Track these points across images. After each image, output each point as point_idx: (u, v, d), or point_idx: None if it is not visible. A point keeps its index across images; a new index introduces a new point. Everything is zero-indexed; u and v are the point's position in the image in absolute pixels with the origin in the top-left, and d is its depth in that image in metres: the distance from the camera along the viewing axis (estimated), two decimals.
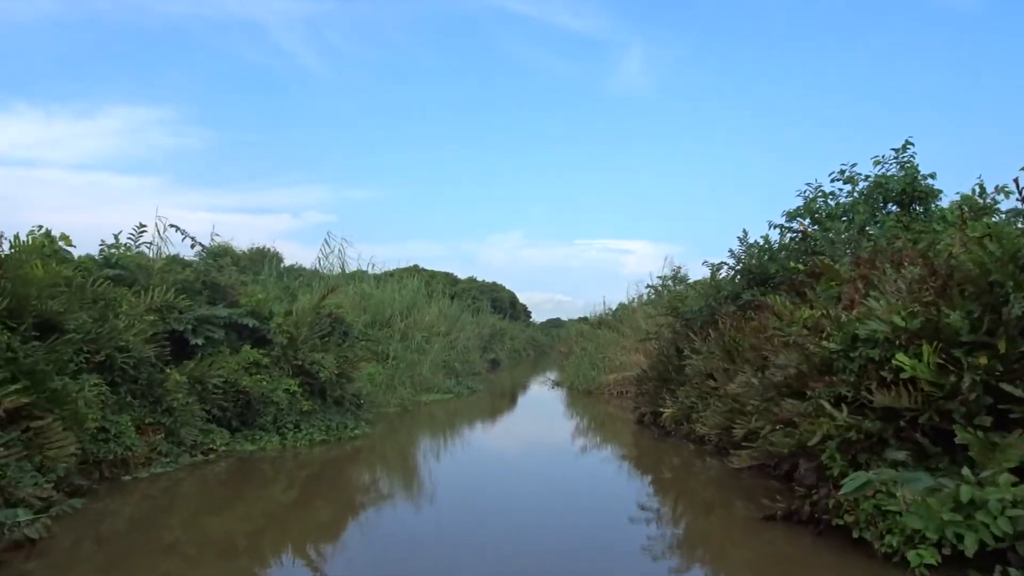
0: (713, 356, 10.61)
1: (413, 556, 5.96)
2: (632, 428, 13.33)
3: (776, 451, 6.03)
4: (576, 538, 6.49)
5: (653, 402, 12.80)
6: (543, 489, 8.79)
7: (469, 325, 34.10)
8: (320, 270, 19.16)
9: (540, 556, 5.77)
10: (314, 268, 19.27)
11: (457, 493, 8.72)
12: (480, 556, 5.91)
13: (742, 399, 8.51)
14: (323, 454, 10.35)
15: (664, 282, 22.27)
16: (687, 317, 12.59)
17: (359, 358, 12.75)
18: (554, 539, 6.34)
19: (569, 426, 14.62)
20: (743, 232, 12.52)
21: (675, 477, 9.78)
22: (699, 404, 10.75)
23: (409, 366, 18.65)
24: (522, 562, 5.66)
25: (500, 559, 5.79)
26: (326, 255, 19.20)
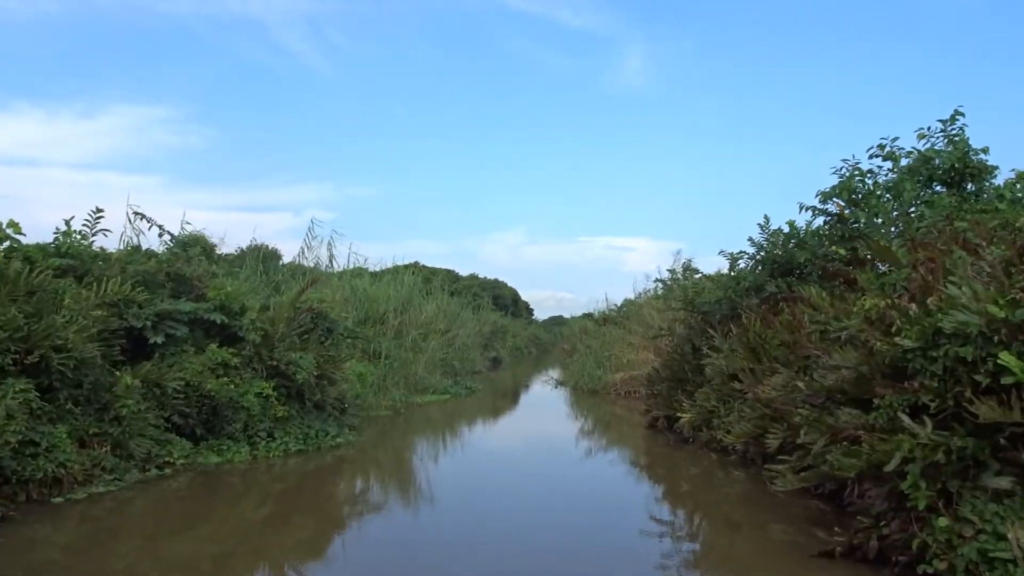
0: (736, 355, 9.45)
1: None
2: (643, 433, 12.17)
3: (840, 475, 4.86)
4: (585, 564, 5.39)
5: (667, 404, 11.64)
6: (545, 504, 7.66)
7: (469, 322, 32.99)
8: (305, 262, 17.95)
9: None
10: (298, 261, 18.05)
11: (448, 510, 7.58)
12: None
13: (777, 404, 7.36)
14: (299, 466, 9.21)
15: (674, 276, 21.10)
16: (704, 311, 11.42)
17: (343, 357, 11.60)
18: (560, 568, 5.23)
19: (574, 431, 13.47)
20: (764, 218, 11.34)
21: (699, 494, 8.62)
22: (721, 408, 9.60)
23: (403, 365, 17.52)
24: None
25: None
26: (310, 245, 17.99)
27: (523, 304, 66.14)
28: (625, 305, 28.02)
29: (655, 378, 12.47)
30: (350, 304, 18.22)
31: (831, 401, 5.69)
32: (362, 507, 7.96)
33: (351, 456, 9.94)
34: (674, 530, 7.23)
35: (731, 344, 9.94)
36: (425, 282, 31.43)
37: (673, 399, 11.56)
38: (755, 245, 11.39)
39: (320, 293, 12.82)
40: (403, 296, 20.25)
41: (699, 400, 10.25)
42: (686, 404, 10.62)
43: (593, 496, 8.33)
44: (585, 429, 13.81)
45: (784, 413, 7.48)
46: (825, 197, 9.04)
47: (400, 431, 12.75)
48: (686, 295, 11.83)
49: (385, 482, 9.02)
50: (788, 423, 7.23)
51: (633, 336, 20.39)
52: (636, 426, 13.10)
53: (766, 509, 7.33)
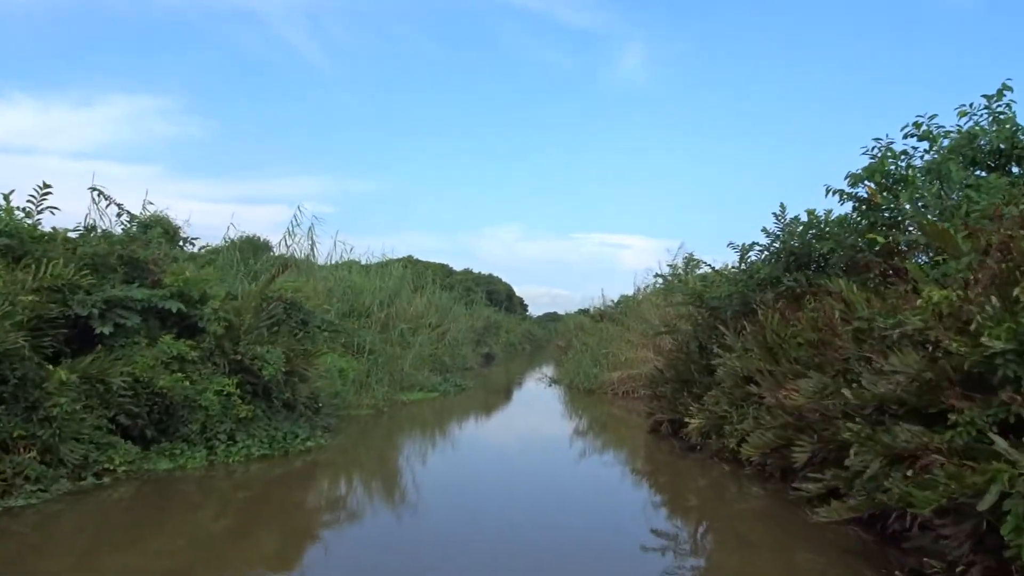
0: (751, 355, 8.50)
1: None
2: (645, 439, 11.21)
3: (910, 509, 3.89)
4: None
5: (671, 408, 10.68)
6: (538, 517, 6.69)
7: (462, 317, 32.05)
8: (291, 252, 16.91)
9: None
10: (277, 252, 17.01)
11: (427, 527, 6.60)
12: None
13: (805, 413, 6.40)
14: (263, 472, 8.22)
15: (675, 271, 20.13)
16: (713, 306, 10.46)
17: (318, 352, 10.60)
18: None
19: (570, 435, 12.49)
20: (780, 207, 10.41)
21: (710, 509, 7.66)
22: (733, 414, 8.65)
23: (389, 361, 16.52)
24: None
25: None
26: (293, 234, 16.95)
27: (517, 300, 65.64)
28: (622, 301, 27.13)
29: (658, 379, 11.51)
30: (334, 296, 17.22)
31: (882, 413, 4.73)
32: (331, 519, 6.98)
33: (322, 462, 8.94)
34: (678, 544, 6.36)
35: (745, 343, 8.99)
36: (418, 276, 30.52)
37: (678, 402, 10.60)
38: (769, 235, 10.45)
39: (296, 281, 11.81)
40: (390, 288, 19.21)
41: (708, 404, 9.29)
42: (693, 408, 9.66)
43: (592, 511, 7.37)
44: (582, 433, 12.85)
45: (813, 423, 6.54)
46: (855, 180, 8.08)
47: (380, 433, 11.75)
48: (693, 289, 10.86)
49: (357, 493, 8.04)
50: (819, 435, 6.28)
51: (631, 333, 19.44)
52: (637, 430, 12.14)
53: (790, 531, 6.40)
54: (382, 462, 9.46)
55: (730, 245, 11.09)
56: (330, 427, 10.72)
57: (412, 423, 13.11)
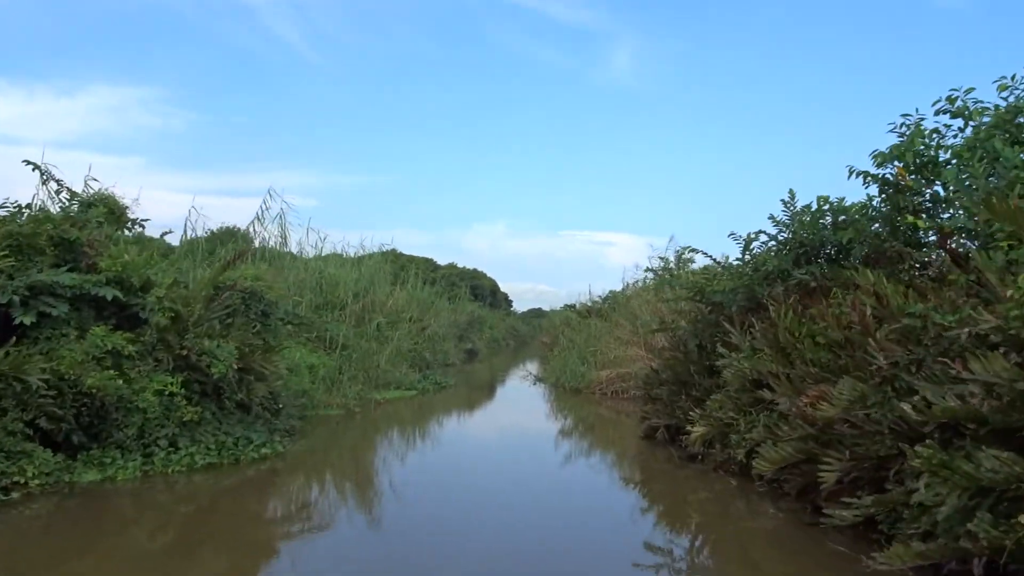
0: (762, 356, 7.59)
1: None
2: (639, 446, 10.28)
3: (1014, 563, 2.97)
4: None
5: (668, 412, 9.76)
6: (521, 537, 5.73)
7: (444, 312, 31.09)
8: (254, 238, 15.81)
9: None
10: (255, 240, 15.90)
11: (394, 549, 5.62)
12: None
13: (835, 425, 5.49)
14: (207, 484, 7.20)
15: (666, 265, 19.24)
16: (715, 301, 9.55)
17: (278, 347, 9.56)
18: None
19: (556, 440, 11.55)
20: (789, 193, 9.53)
21: (715, 527, 6.73)
22: (740, 421, 7.74)
23: (364, 356, 15.49)
24: None
25: None
26: (263, 219, 15.85)
27: (502, 295, 65.02)
28: (610, 297, 26.27)
29: (652, 380, 10.58)
30: (306, 287, 16.15)
31: (950, 432, 3.82)
32: (282, 539, 5.98)
33: (278, 471, 7.92)
34: (674, 562, 5.48)
35: (753, 342, 8.08)
36: (402, 269, 29.48)
37: (676, 405, 9.69)
38: (777, 224, 9.56)
39: (257, 269, 10.75)
40: (365, 279, 18.15)
41: (711, 409, 8.38)
42: (694, 414, 8.74)
43: (583, 528, 6.41)
44: (570, 437, 11.91)
45: (842, 436, 5.63)
46: (883, 159, 7.17)
47: (348, 437, 10.73)
48: (693, 283, 9.94)
49: (314, 509, 7.03)
50: (851, 451, 5.37)
51: (621, 330, 18.53)
52: (630, 435, 11.21)
53: (809, 560, 5.49)
54: (346, 472, 8.45)
55: (731, 235, 10.21)
56: (293, 430, 9.71)
57: (385, 425, 12.10)
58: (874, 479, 5.25)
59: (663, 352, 11.88)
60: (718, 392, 8.96)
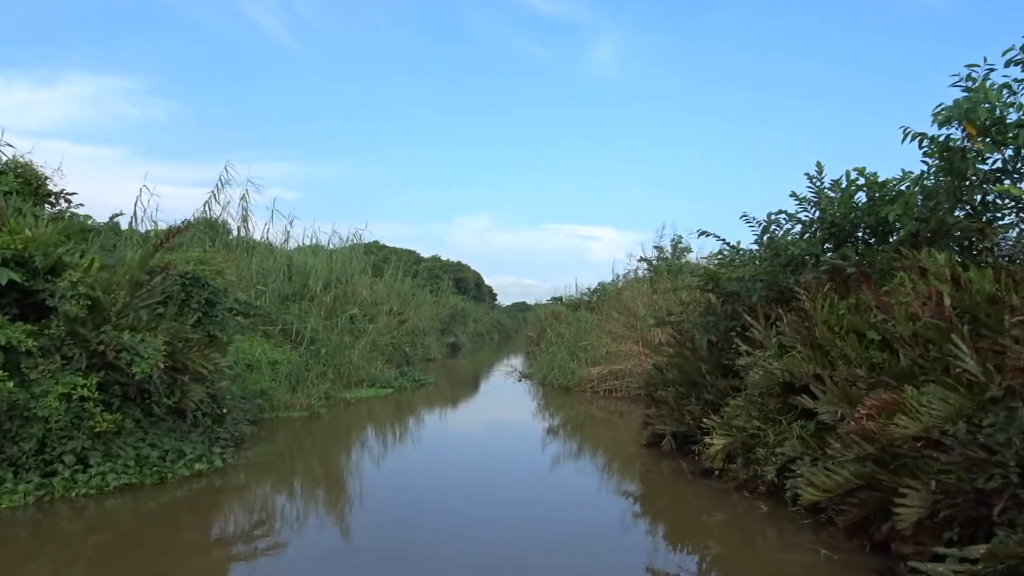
0: (797, 355, 6.35)
1: None
2: (641, 455, 9.02)
3: None
4: None
5: (676, 418, 8.53)
6: None
7: (426, 304, 29.78)
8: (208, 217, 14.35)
9: None
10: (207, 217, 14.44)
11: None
12: None
13: (910, 440, 4.26)
14: (119, 511, 5.83)
15: (661, 254, 18.05)
16: (731, 291, 8.31)
17: (222, 341, 8.19)
18: None
19: (547, 450, 10.28)
20: (817, 166, 8.35)
21: (744, 562, 5.47)
22: (769, 432, 6.50)
23: (334, 351, 14.14)
24: None
25: None
26: (218, 200, 14.40)
27: (486, 289, 64.01)
28: (599, 289, 25.08)
29: (656, 380, 9.33)
30: (271, 275, 14.76)
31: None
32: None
33: (213, 490, 6.57)
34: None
35: (781, 338, 6.85)
36: (384, 261, 28.14)
37: (684, 410, 8.46)
38: (801, 202, 8.36)
39: (201, 253, 9.37)
40: (338, 268, 16.75)
41: (730, 416, 7.14)
42: (710, 421, 7.50)
43: (582, 554, 5.15)
44: (562, 445, 10.64)
45: (921, 460, 4.39)
46: (946, 118, 5.92)
47: (307, 445, 9.36)
48: (705, 271, 8.68)
49: (251, 537, 5.69)
50: (940, 482, 4.13)
51: (613, 323, 17.31)
52: (629, 441, 9.95)
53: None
54: (298, 491, 7.09)
55: (744, 217, 8.98)
56: (242, 438, 8.36)
57: (353, 430, 10.75)
58: (968, 519, 4.03)
59: (663, 349, 10.65)
60: (735, 395, 7.75)
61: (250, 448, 8.19)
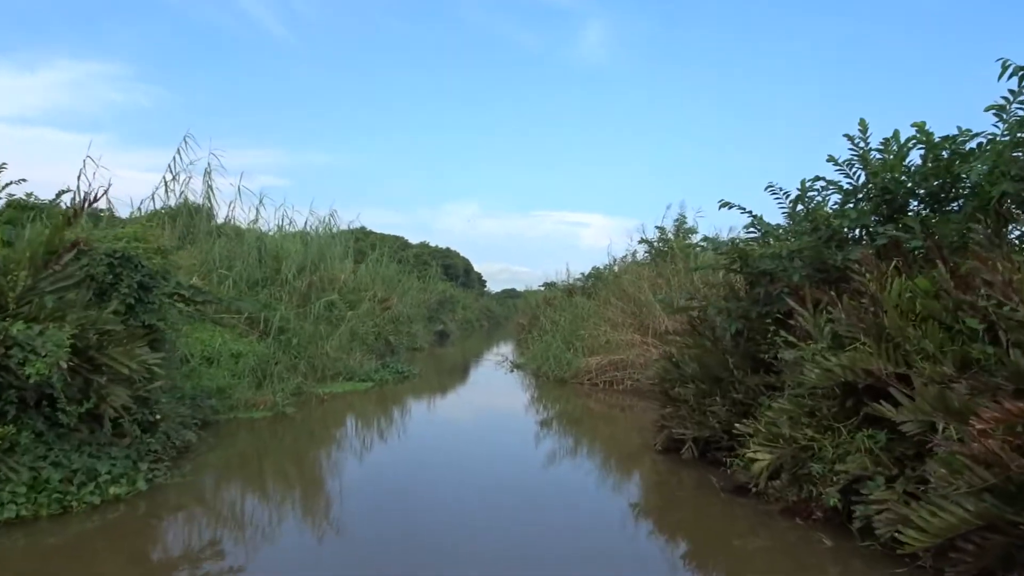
0: (863, 349, 5.09)
1: None
2: (655, 463, 7.76)
3: None
4: None
5: (698, 420, 7.26)
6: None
7: (413, 291, 28.48)
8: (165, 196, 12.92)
9: None
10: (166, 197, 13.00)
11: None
12: None
13: None
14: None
15: (664, 235, 16.77)
16: (765, 270, 7.03)
17: (160, 332, 6.84)
18: None
19: (545, 455, 9.02)
20: (860, 124, 7.10)
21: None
22: (826, 445, 5.23)
23: (308, 342, 12.80)
24: None
25: None
26: (176, 176, 12.96)
27: (475, 275, 62.97)
28: (594, 274, 23.83)
29: (671, 375, 8.05)
30: (237, 259, 13.37)
31: None
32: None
33: (131, 520, 5.23)
34: None
35: (837, 327, 5.58)
36: (372, 248, 26.79)
37: (708, 411, 7.20)
38: (841, 167, 7.10)
39: (137, 228, 7.98)
40: (314, 252, 15.35)
41: (766, 423, 5.87)
42: (744, 427, 6.22)
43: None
44: (563, 448, 9.38)
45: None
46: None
47: (264, 455, 8.01)
48: (733, 247, 7.37)
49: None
50: None
51: (611, 310, 16.04)
52: (638, 443, 8.68)
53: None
54: (240, 521, 5.74)
55: (769, 188, 7.70)
56: (187, 447, 7.03)
57: (322, 434, 9.41)
58: None
59: (671, 338, 9.37)
60: (769, 395, 6.49)
61: (194, 460, 6.86)
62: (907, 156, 6.77)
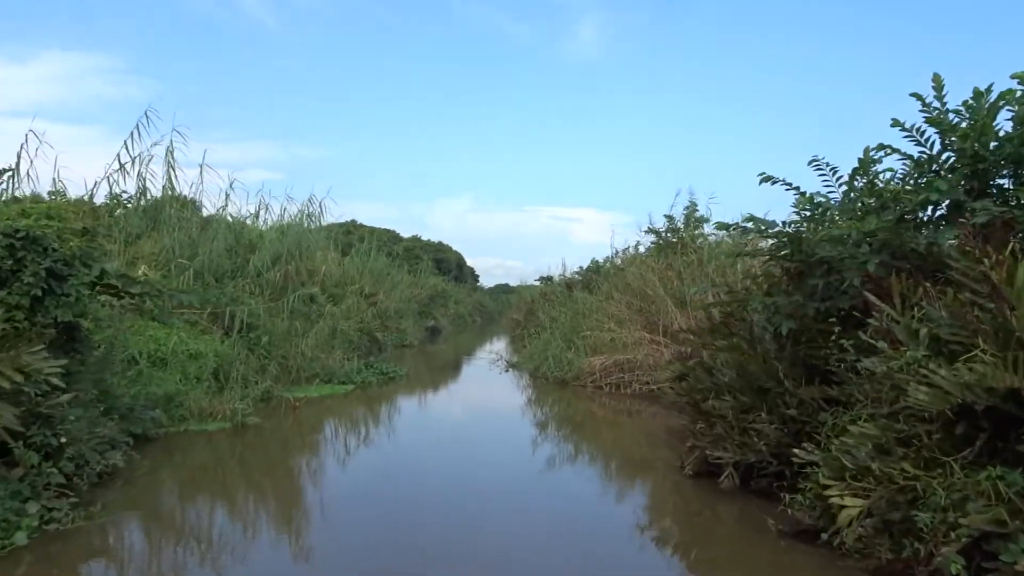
0: (994, 360, 3.78)
1: None
2: (686, 489, 6.46)
3: None
4: None
5: (739, 442, 5.94)
6: None
7: (403, 284, 27.15)
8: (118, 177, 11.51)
9: None
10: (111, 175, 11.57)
11: None
12: None
13: None
14: None
15: (673, 224, 15.43)
16: (819, 259, 5.72)
17: (62, 333, 5.48)
18: None
19: (550, 477, 7.71)
20: (935, 81, 5.81)
21: None
22: (936, 488, 3.92)
23: (281, 340, 11.45)
24: None
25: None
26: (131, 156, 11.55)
27: (468, 270, 61.87)
28: (593, 267, 22.53)
29: (703, 383, 6.72)
30: (202, 247, 11.98)
31: None
32: None
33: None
34: None
35: (938, 329, 4.28)
36: (360, 241, 25.49)
37: (750, 429, 5.88)
38: (910, 134, 5.81)
39: (46, 204, 6.60)
40: (290, 241, 13.95)
41: (839, 450, 4.56)
42: (807, 454, 4.92)
43: None
44: (571, 468, 8.06)
45: None
46: None
47: (209, 483, 6.63)
48: (781, 238, 6.04)
49: None
50: None
51: (615, 305, 14.72)
52: (659, 461, 7.36)
53: None
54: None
55: (813, 163, 6.39)
56: (109, 474, 5.68)
57: (284, 452, 8.01)
58: None
59: (685, 336, 8.08)
60: (832, 410, 5.18)
61: (118, 491, 5.51)
62: (996, 118, 5.52)
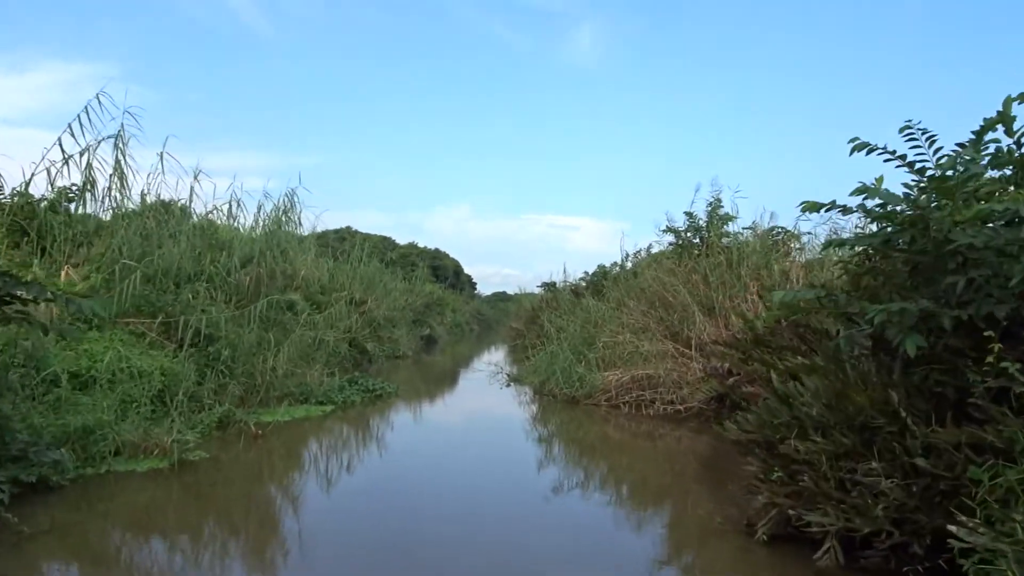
0: None
1: None
2: (755, 556, 4.79)
3: None
4: None
5: (839, 498, 4.29)
6: None
7: (397, 292, 25.48)
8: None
9: None
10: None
11: None
12: None
13: None
14: None
15: (694, 222, 13.78)
16: (951, 251, 4.07)
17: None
18: None
19: (573, 547, 6.04)
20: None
21: None
22: None
23: (246, 354, 9.77)
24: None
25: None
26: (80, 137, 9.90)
27: (466, 277, 60.61)
28: (599, 273, 20.95)
29: (782, 418, 5.06)
30: (154, 248, 10.30)
31: None
32: None
33: None
34: None
35: None
36: (354, 247, 23.89)
37: (858, 483, 4.23)
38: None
39: None
40: (261, 241, 12.28)
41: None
42: (971, 534, 3.29)
43: None
44: (599, 533, 6.40)
45: None
46: None
47: (100, 562, 4.98)
48: (890, 212, 4.41)
49: None
50: None
51: (630, 314, 13.08)
52: (704, 507, 5.70)
53: None
54: None
55: (906, 130, 4.75)
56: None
57: (230, 503, 6.31)
58: None
59: (719, 348, 6.43)
60: (983, 460, 3.54)
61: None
62: None
